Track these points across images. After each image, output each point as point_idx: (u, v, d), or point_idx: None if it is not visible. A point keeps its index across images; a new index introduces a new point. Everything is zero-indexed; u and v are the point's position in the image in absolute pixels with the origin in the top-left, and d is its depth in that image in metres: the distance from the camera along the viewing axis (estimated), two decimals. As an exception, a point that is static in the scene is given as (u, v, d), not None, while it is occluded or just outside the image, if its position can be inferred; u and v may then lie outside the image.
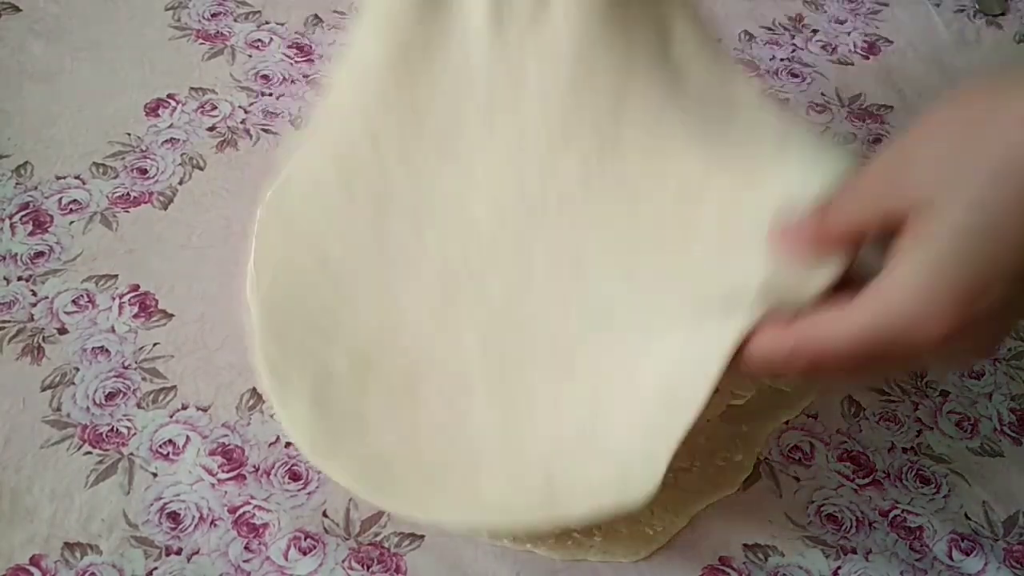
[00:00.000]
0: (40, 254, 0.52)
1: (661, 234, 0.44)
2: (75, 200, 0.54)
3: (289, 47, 0.65)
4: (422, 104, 0.47)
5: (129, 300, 0.50)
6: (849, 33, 0.71)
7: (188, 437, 0.45)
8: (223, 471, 0.44)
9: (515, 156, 0.46)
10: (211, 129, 0.59)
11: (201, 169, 0.57)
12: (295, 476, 0.44)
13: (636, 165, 0.45)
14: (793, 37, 0.71)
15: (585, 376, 0.43)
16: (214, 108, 0.60)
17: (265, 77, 0.63)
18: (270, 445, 0.45)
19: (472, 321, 0.45)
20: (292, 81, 0.62)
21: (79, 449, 0.44)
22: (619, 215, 0.44)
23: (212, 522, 0.43)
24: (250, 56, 0.64)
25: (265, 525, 0.43)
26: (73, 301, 0.50)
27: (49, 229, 0.53)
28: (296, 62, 0.64)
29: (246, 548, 0.42)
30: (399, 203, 0.47)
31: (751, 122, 0.45)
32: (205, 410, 0.46)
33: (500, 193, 0.46)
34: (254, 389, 0.47)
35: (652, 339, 0.41)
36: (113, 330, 0.49)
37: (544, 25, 0.46)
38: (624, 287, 0.44)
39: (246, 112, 0.60)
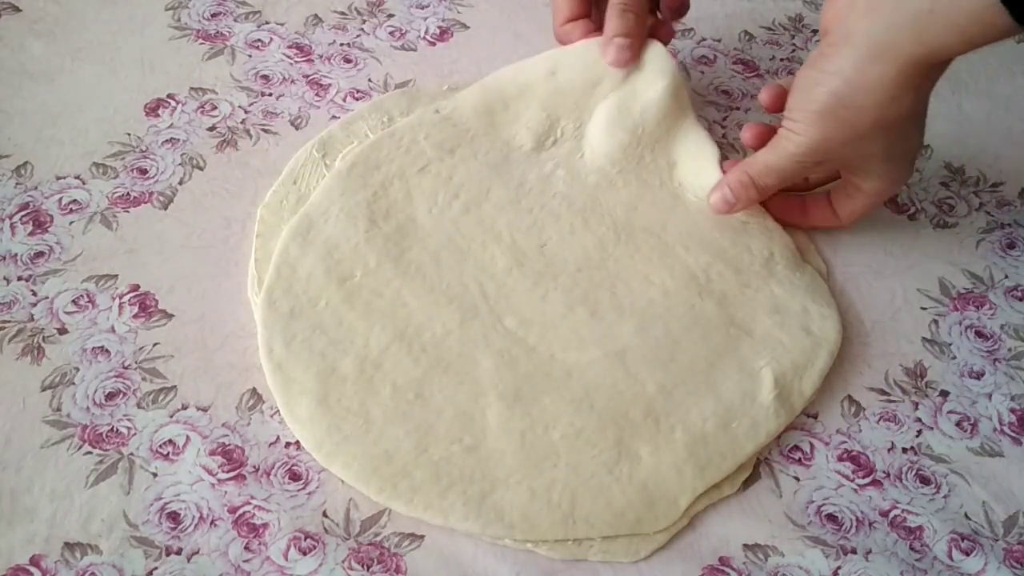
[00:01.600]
0: (40, 254, 0.52)
1: (670, 304, 0.51)
2: (75, 200, 0.54)
3: (289, 47, 0.65)
4: (457, 176, 0.55)
5: (129, 300, 0.50)
6: (849, 33, 0.71)
7: (188, 437, 0.45)
8: (223, 471, 0.44)
9: (538, 224, 0.53)
10: (211, 129, 0.59)
11: (201, 169, 0.57)
12: (295, 476, 0.44)
13: (647, 252, 0.53)
14: (793, 37, 0.71)
15: (605, 408, 0.46)
16: (214, 108, 0.60)
17: (265, 77, 0.63)
18: (270, 445, 0.45)
19: (487, 344, 0.48)
20: (292, 81, 0.62)
21: (79, 449, 0.44)
22: (632, 281, 0.51)
23: (212, 522, 0.43)
24: (250, 56, 0.64)
25: (265, 525, 0.43)
26: (73, 301, 0.50)
27: (49, 229, 0.53)
28: (296, 62, 0.64)
29: (246, 548, 0.42)
30: (421, 236, 0.52)
31: (740, 232, 0.54)
32: (205, 410, 0.46)
33: (521, 245, 0.52)
34: (254, 389, 0.47)
35: (671, 392, 0.47)
36: (113, 330, 0.49)
37: (575, 154, 0.56)
38: (638, 337, 0.49)
39: (246, 112, 0.60)
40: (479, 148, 0.56)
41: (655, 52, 0.56)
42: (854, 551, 0.44)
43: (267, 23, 0.66)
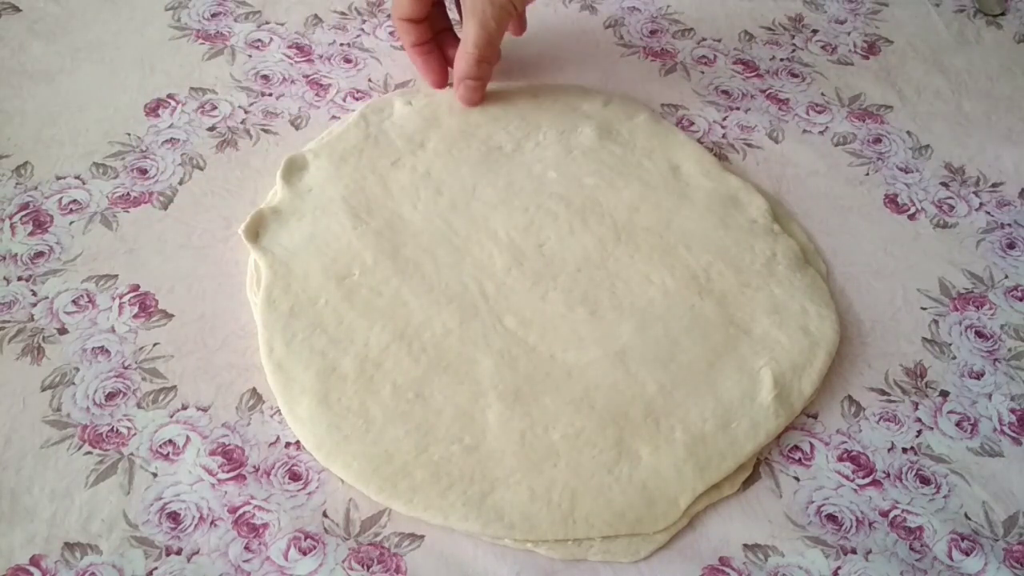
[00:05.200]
0: (40, 254, 0.52)
1: (670, 304, 0.51)
2: (75, 200, 0.54)
3: (289, 47, 0.65)
4: (436, 172, 0.55)
5: (129, 300, 0.50)
6: (849, 33, 0.71)
7: (188, 437, 0.45)
8: (223, 471, 0.44)
9: (535, 224, 0.53)
10: (211, 129, 0.59)
11: (201, 169, 0.57)
12: (295, 476, 0.44)
13: (647, 251, 0.53)
14: (793, 37, 0.71)
15: (605, 408, 0.46)
16: (214, 108, 0.60)
17: (265, 77, 0.63)
18: (270, 445, 0.45)
19: (487, 344, 0.48)
20: (292, 81, 0.62)
21: (79, 449, 0.44)
22: (632, 281, 0.51)
23: (212, 522, 0.43)
24: (250, 56, 0.64)
25: (265, 525, 0.43)
26: (73, 301, 0.50)
27: (49, 229, 0.53)
28: (296, 62, 0.64)
29: (246, 548, 0.42)
30: (413, 233, 0.52)
31: (746, 231, 0.54)
32: (205, 410, 0.46)
33: (519, 245, 0.52)
34: (254, 389, 0.47)
35: (671, 392, 0.47)
36: (113, 330, 0.49)
37: (564, 157, 0.57)
38: (638, 336, 0.49)
39: (246, 112, 0.60)
40: (452, 144, 0.57)
41: (628, 99, 0.62)
42: (854, 551, 0.44)
43: (267, 23, 0.66)
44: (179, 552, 0.42)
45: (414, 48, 0.61)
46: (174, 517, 0.43)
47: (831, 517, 0.45)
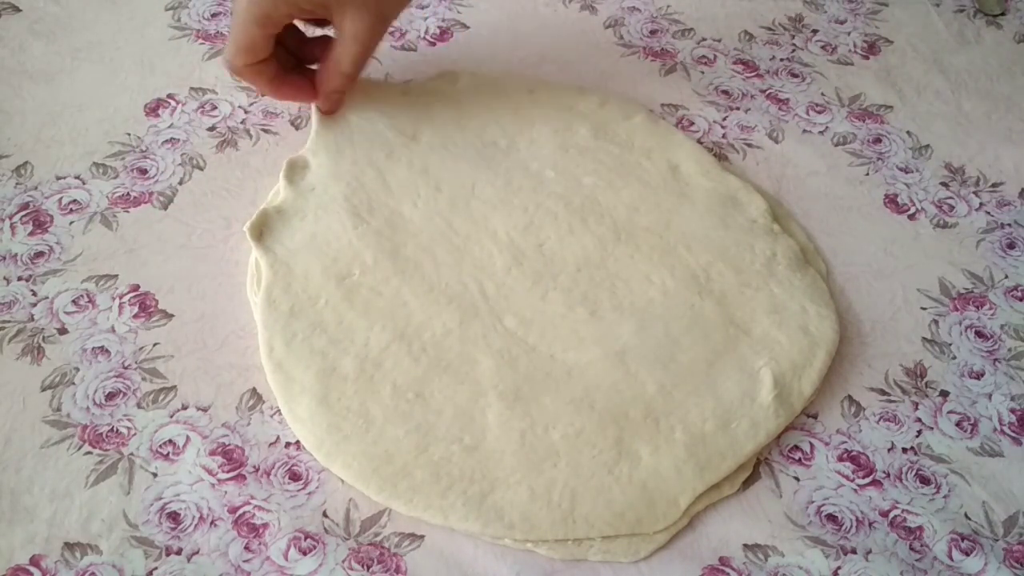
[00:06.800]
0: (40, 254, 0.52)
1: (670, 304, 0.51)
2: (75, 200, 0.54)
3: (289, 47, 0.65)
4: (434, 168, 0.55)
5: (129, 300, 0.50)
6: (849, 33, 0.71)
7: (188, 437, 0.45)
8: (223, 471, 0.44)
9: (535, 224, 0.53)
10: (211, 129, 0.59)
11: (201, 169, 0.57)
12: (295, 476, 0.44)
13: (647, 251, 0.53)
14: (793, 37, 0.71)
15: (605, 408, 0.46)
16: (214, 108, 0.60)
17: (265, 77, 0.62)
18: (270, 445, 0.45)
19: (487, 343, 0.48)
20: (292, 81, 0.62)
21: (79, 449, 0.44)
22: (632, 281, 0.51)
23: (212, 522, 0.43)
24: (250, 56, 0.64)
25: (265, 525, 0.43)
26: (73, 301, 0.50)
27: (49, 229, 0.53)
28: (296, 62, 0.64)
29: (246, 548, 0.42)
30: (413, 232, 0.52)
31: (746, 231, 0.54)
32: (205, 410, 0.46)
33: (519, 245, 0.52)
34: (254, 389, 0.47)
35: (671, 392, 0.47)
36: (113, 330, 0.49)
37: (559, 155, 0.57)
38: (638, 336, 0.49)
39: (246, 112, 0.60)
40: (448, 139, 0.57)
41: (625, 100, 0.62)
42: (854, 551, 0.44)
43: (267, 23, 0.66)
44: (179, 552, 0.42)
45: (274, 82, 0.55)
46: (174, 517, 0.43)
47: (831, 517, 0.45)
